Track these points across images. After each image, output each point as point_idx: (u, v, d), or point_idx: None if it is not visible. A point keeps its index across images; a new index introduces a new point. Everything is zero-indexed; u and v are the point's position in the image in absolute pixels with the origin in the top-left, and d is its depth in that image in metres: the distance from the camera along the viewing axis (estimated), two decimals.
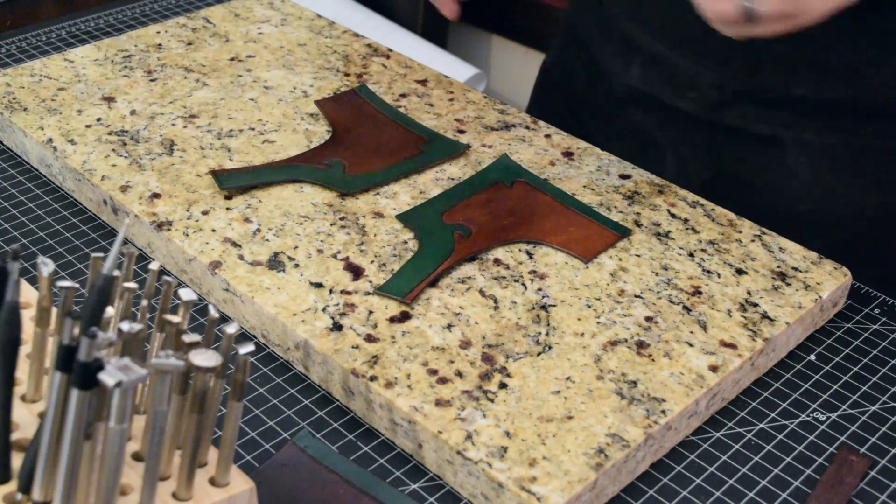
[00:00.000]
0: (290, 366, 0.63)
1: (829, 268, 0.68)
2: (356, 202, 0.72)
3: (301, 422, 0.59)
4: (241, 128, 0.80)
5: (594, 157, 0.79)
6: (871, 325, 0.68)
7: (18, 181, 0.79)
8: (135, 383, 0.41)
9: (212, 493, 0.48)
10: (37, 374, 0.51)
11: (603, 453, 0.54)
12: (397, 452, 0.58)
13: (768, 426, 0.60)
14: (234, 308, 0.65)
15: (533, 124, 0.83)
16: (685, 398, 0.58)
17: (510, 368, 0.59)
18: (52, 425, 0.44)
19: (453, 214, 0.71)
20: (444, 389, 0.57)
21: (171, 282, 0.51)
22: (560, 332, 0.62)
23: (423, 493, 0.55)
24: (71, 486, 0.43)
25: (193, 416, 0.47)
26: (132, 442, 0.49)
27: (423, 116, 0.83)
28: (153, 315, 0.54)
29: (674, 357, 0.60)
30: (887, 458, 0.59)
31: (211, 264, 0.66)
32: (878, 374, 0.64)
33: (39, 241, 0.72)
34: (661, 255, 0.69)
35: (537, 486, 0.52)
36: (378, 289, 0.64)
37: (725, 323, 0.63)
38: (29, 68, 0.87)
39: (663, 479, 0.57)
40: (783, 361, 0.65)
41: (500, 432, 0.55)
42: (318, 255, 0.67)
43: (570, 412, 0.56)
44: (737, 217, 0.73)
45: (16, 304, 0.45)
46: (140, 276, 0.68)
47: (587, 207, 0.72)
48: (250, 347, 0.46)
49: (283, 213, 0.71)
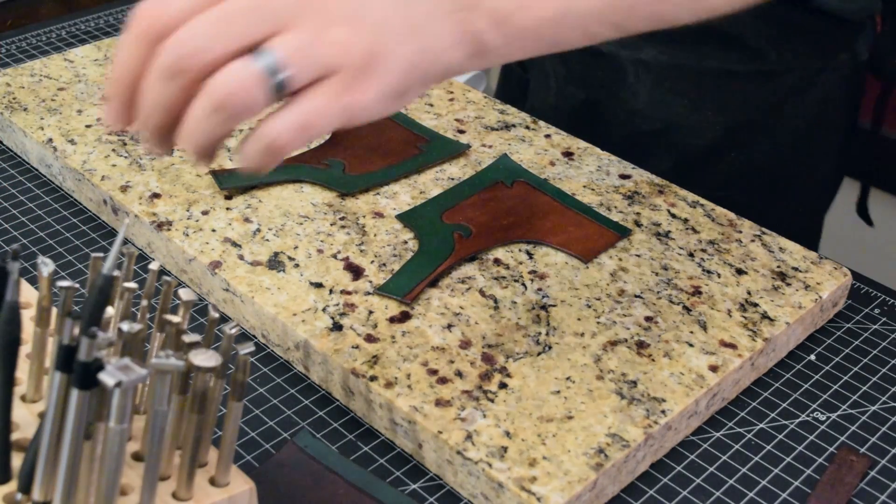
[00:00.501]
0: (290, 366, 0.63)
1: (830, 268, 0.68)
2: (356, 202, 0.72)
3: (301, 422, 0.59)
4: (241, 128, 0.80)
5: (594, 157, 0.79)
6: (871, 325, 0.68)
7: (18, 181, 0.79)
8: (135, 383, 0.41)
9: (212, 493, 0.48)
10: (37, 374, 0.51)
11: (603, 453, 0.54)
12: (397, 452, 0.58)
13: (768, 426, 0.60)
14: (234, 308, 0.65)
15: (533, 124, 0.83)
16: (685, 398, 0.58)
17: (510, 368, 0.59)
18: (52, 425, 0.44)
19: (453, 214, 0.71)
20: (444, 389, 0.57)
21: (171, 282, 0.51)
22: (560, 332, 0.62)
23: (423, 493, 0.55)
24: (71, 485, 0.43)
25: (193, 416, 0.47)
26: (132, 442, 0.49)
27: (423, 116, 0.83)
28: (153, 315, 0.54)
29: (674, 357, 0.60)
30: (887, 458, 0.59)
31: (211, 264, 0.66)
32: (878, 374, 0.64)
33: (39, 241, 0.72)
34: (661, 255, 0.69)
35: (537, 486, 0.52)
36: (378, 289, 0.64)
37: (725, 323, 0.63)
38: (29, 68, 0.87)
39: (663, 479, 0.57)
40: (783, 361, 0.65)
41: (500, 432, 0.55)
42: (318, 255, 0.67)
43: (570, 412, 0.56)
44: (737, 217, 0.73)
45: (16, 304, 0.45)
46: (140, 276, 0.68)
47: (587, 207, 0.72)
48: (250, 347, 0.46)
49: (283, 213, 0.71)
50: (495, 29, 0.47)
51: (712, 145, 0.88)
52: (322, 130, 0.45)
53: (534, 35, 0.49)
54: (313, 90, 0.44)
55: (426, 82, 0.48)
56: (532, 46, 0.50)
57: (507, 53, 0.49)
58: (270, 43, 0.43)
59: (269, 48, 0.43)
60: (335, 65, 0.44)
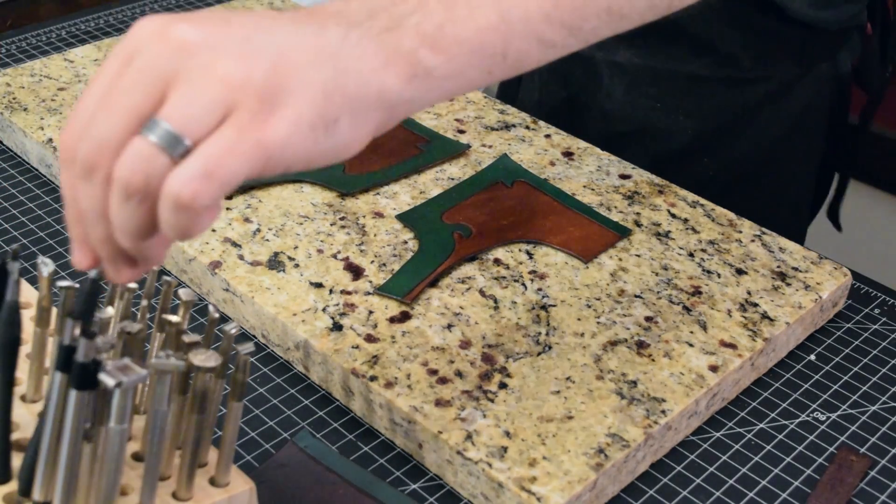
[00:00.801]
0: (290, 366, 0.63)
1: (830, 268, 0.68)
2: (356, 202, 0.72)
3: (301, 422, 0.59)
4: None
5: (594, 157, 0.79)
6: (871, 325, 0.68)
7: (18, 181, 0.79)
8: (135, 383, 0.41)
9: (212, 493, 0.48)
10: (37, 374, 0.51)
11: (603, 453, 0.54)
12: (397, 452, 0.58)
13: (768, 426, 0.60)
14: (234, 308, 0.65)
15: (533, 124, 0.83)
16: (685, 398, 0.58)
17: (510, 368, 0.59)
18: (52, 425, 0.44)
19: (453, 214, 0.71)
20: (444, 389, 0.57)
21: (171, 282, 0.51)
22: (560, 332, 0.62)
23: (423, 493, 0.55)
24: (70, 486, 0.43)
25: (193, 417, 0.47)
26: (132, 442, 0.49)
27: (423, 116, 0.83)
28: (153, 315, 0.54)
29: (674, 357, 0.60)
30: (887, 458, 0.59)
31: (211, 264, 0.66)
32: (878, 374, 0.64)
33: (39, 241, 0.72)
34: (661, 255, 0.69)
35: (537, 486, 0.52)
36: (378, 289, 0.64)
37: (725, 323, 0.63)
38: (29, 68, 0.87)
39: (663, 479, 0.57)
40: (783, 361, 0.65)
41: (500, 432, 0.55)
42: (318, 255, 0.67)
43: (570, 412, 0.56)
44: (737, 217, 0.73)
45: (16, 304, 0.46)
46: (140, 277, 0.68)
47: (587, 207, 0.72)
48: (250, 347, 0.46)
49: (283, 212, 0.71)
50: (429, 46, 0.43)
51: (684, 149, 0.88)
52: (234, 175, 0.40)
53: (478, 47, 0.45)
54: (214, 133, 0.40)
55: (361, 109, 0.43)
56: (484, 62, 0.45)
57: (458, 71, 0.45)
58: (161, 109, 0.40)
59: (157, 115, 0.40)
60: (231, 101, 0.40)
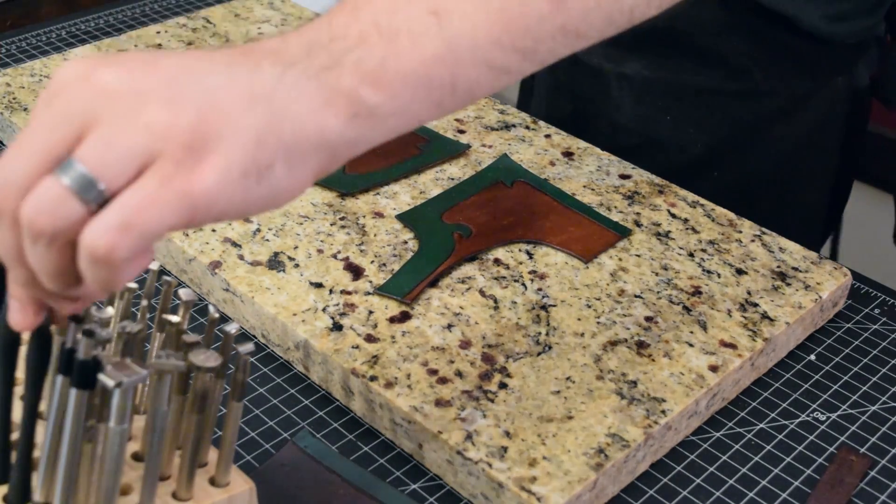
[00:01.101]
0: (290, 366, 0.63)
1: (829, 268, 0.68)
2: (356, 202, 0.72)
3: (301, 422, 0.59)
4: None
5: (594, 157, 0.79)
6: (871, 325, 0.68)
7: None
8: (135, 383, 0.41)
9: (212, 493, 0.48)
10: None
11: (603, 453, 0.54)
12: (397, 452, 0.58)
13: (768, 426, 0.60)
14: (234, 308, 0.65)
15: (533, 124, 0.83)
16: (685, 398, 0.58)
17: (510, 368, 0.59)
18: (52, 426, 0.44)
19: (453, 214, 0.71)
20: (444, 389, 0.57)
21: (171, 282, 0.51)
22: (560, 332, 0.62)
23: (423, 493, 0.55)
24: (70, 486, 0.43)
25: (193, 417, 0.47)
26: (132, 442, 0.49)
27: None
28: (153, 315, 0.54)
29: (674, 357, 0.60)
30: (887, 458, 0.59)
31: (211, 264, 0.66)
32: (878, 374, 0.64)
33: None
34: (661, 255, 0.69)
35: (537, 486, 0.52)
36: (378, 289, 0.64)
37: (725, 323, 0.63)
38: (29, 68, 0.87)
39: (663, 479, 0.57)
40: (783, 361, 0.65)
41: (500, 432, 0.55)
42: (318, 255, 0.67)
43: (570, 412, 0.56)
44: (737, 217, 0.73)
45: None
46: (140, 277, 0.68)
47: (587, 207, 0.72)
48: (250, 347, 0.46)
49: (283, 213, 0.71)
50: (370, 84, 0.42)
51: (694, 163, 0.87)
52: (155, 227, 0.38)
53: (424, 80, 0.43)
54: (135, 183, 0.38)
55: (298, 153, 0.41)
56: (432, 95, 0.43)
57: (403, 107, 0.43)
58: (76, 150, 0.38)
59: (72, 156, 0.38)
60: (153, 150, 0.38)
